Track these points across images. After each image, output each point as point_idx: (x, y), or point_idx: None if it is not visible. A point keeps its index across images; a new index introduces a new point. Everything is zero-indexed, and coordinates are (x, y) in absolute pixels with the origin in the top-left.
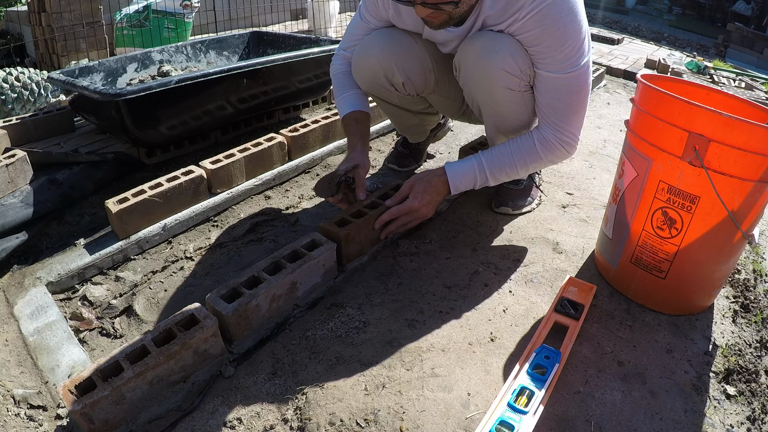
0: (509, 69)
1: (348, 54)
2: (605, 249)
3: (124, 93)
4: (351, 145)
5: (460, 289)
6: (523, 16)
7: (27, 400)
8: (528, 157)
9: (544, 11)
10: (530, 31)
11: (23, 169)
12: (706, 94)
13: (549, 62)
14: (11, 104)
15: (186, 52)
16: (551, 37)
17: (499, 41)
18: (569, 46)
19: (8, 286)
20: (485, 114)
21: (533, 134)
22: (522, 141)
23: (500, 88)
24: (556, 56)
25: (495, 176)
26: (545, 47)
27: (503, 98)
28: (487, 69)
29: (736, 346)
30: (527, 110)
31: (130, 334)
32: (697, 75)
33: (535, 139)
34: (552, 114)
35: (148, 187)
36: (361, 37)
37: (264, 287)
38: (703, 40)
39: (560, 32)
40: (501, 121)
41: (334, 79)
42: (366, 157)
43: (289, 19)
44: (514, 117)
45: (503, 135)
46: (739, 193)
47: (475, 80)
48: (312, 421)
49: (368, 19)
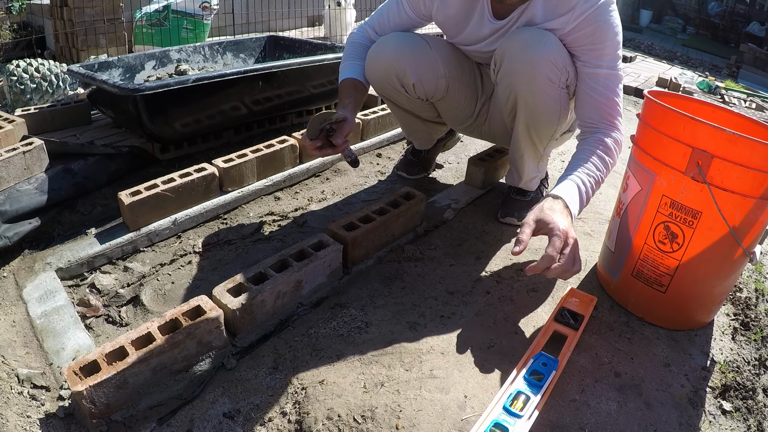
0: (554, 61)
1: (371, 32)
2: (607, 262)
3: (142, 89)
4: (342, 104)
5: (463, 295)
6: (576, 17)
7: (31, 380)
8: (608, 163)
9: (597, 11)
10: (584, 29)
11: (39, 157)
12: (711, 112)
13: (602, 57)
14: (30, 94)
15: (203, 53)
16: (603, 34)
17: (546, 35)
18: (617, 43)
19: (18, 270)
20: (520, 109)
21: (601, 140)
22: (594, 148)
23: (543, 78)
24: (610, 52)
25: (592, 190)
26: (599, 44)
27: (543, 90)
28: (534, 57)
29: (734, 363)
30: (559, 110)
31: (135, 323)
32: (708, 95)
33: (608, 143)
34: (609, 110)
35: (160, 181)
36: (390, 22)
37: (270, 283)
38: (716, 60)
39: (611, 30)
40: (533, 118)
41: (347, 45)
42: (353, 117)
43: (305, 26)
44: (547, 113)
45: (530, 140)
46: (740, 210)
47: (519, 69)
48: (310, 415)
49: (405, 7)
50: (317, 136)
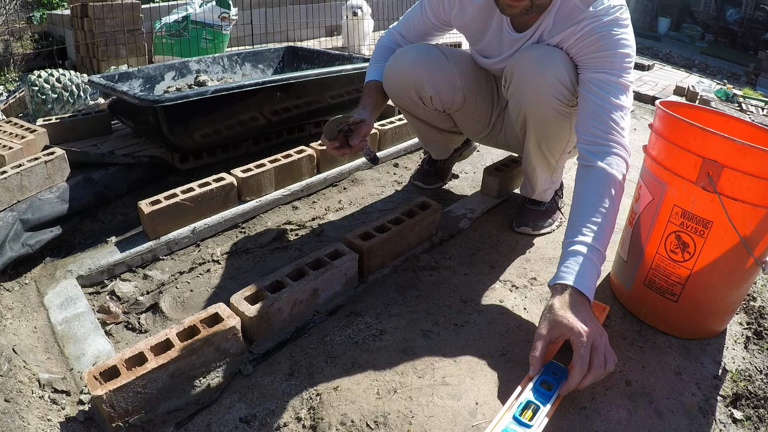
0: (562, 79)
1: (398, 37)
2: (620, 271)
3: (162, 100)
4: (362, 105)
5: (476, 303)
6: (581, 29)
7: (51, 385)
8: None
9: (602, 25)
10: (588, 38)
11: (61, 167)
12: (724, 122)
13: (606, 65)
14: (51, 104)
15: (222, 64)
16: (608, 45)
17: (554, 53)
18: (624, 55)
19: (40, 277)
20: (530, 125)
21: (606, 174)
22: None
23: (551, 96)
24: (616, 62)
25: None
26: (603, 52)
27: (552, 107)
28: (541, 75)
29: (746, 372)
30: (570, 126)
31: (154, 330)
32: (726, 103)
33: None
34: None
35: (180, 191)
36: (415, 27)
37: (286, 292)
38: (735, 68)
39: (617, 43)
40: (544, 136)
41: (375, 49)
42: (372, 118)
43: (324, 36)
44: (557, 131)
45: (542, 155)
46: (751, 219)
47: (528, 87)
48: (324, 421)
49: (428, 13)
50: (336, 137)
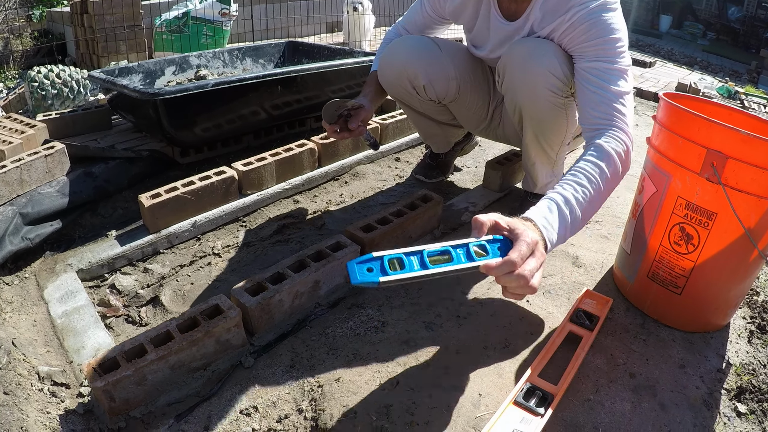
0: (554, 71)
1: (403, 31)
2: (623, 264)
3: (162, 93)
4: (363, 92)
5: (479, 296)
6: (570, 17)
7: (51, 377)
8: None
9: (590, 11)
10: (578, 27)
11: (61, 161)
12: (728, 114)
13: (599, 53)
14: (51, 100)
15: (223, 58)
16: (599, 31)
17: (544, 45)
18: (616, 40)
19: (40, 271)
20: (526, 120)
21: (598, 145)
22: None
23: (545, 90)
24: (608, 48)
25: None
26: (595, 40)
27: (547, 101)
28: (533, 70)
29: (750, 366)
30: (566, 120)
31: (155, 323)
32: (728, 100)
33: (606, 147)
34: (608, 106)
35: (180, 184)
36: (417, 22)
37: (288, 283)
38: (736, 66)
39: (607, 27)
40: (541, 129)
41: (382, 43)
42: (371, 105)
43: (324, 32)
44: (553, 124)
45: (541, 148)
46: (756, 211)
47: (521, 82)
48: (326, 413)
49: (426, 7)
50: (335, 121)
